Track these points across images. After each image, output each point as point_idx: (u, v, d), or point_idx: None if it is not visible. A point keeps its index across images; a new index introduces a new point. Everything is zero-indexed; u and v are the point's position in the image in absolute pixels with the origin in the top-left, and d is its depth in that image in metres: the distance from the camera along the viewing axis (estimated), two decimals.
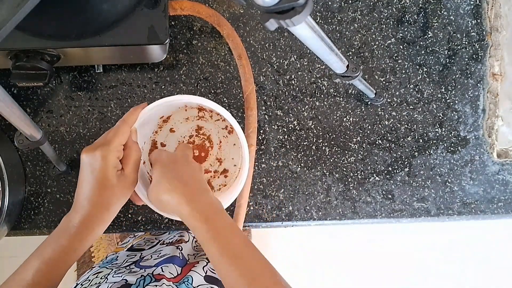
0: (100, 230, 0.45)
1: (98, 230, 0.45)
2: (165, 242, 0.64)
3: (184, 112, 0.56)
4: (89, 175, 0.44)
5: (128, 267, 0.52)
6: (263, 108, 0.58)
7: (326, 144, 0.58)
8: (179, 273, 0.51)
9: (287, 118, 0.58)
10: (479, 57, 0.59)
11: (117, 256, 0.59)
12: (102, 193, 0.44)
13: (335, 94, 0.59)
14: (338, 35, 0.59)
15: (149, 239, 0.67)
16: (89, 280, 0.50)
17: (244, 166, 0.50)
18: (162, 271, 0.49)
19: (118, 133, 0.46)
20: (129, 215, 0.57)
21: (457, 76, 0.59)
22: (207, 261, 0.57)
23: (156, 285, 0.46)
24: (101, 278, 0.49)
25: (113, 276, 0.49)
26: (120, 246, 0.70)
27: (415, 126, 0.59)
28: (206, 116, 0.56)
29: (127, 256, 0.59)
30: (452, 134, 0.59)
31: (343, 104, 0.59)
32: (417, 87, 0.59)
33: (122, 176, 0.46)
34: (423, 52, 0.59)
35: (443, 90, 0.59)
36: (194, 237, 0.67)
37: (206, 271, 0.53)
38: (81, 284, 0.49)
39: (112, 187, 0.44)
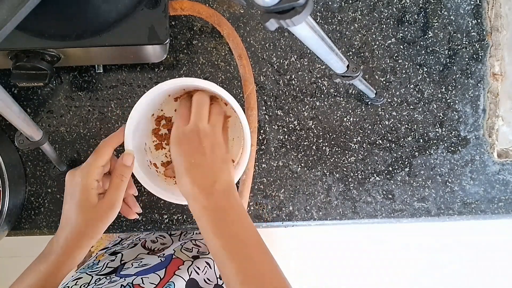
0: (80, 256, 0.47)
1: (78, 256, 0.46)
2: (146, 247, 0.64)
3: (174, 103, 0.55)
4: (70, 198, 0.47)
5: (108, 277, 0.52)
6: (263, 108, 0.58)
7: (326, 144, 0.58)
8: (162, 277, 0.51)
9: (287, 118, 0.58)
10: (480, 57, 0.59)
11: (98, 261, 0.59)
12: (82, 216, 0.46)
13: (335, 94, 0.59)
14: (338, 35, 0.59)
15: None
16: (68, 287, 0.50)
17: (246, 148, 0.49)
18: (143, 282, 0.49)
19: (96, 155, 0.47)
20: None
21: (457, 76, 0.59)
22: (192, 260, 0.56)
23: None
24: (80, 287, 0.49)
25: None
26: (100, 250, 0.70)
27: (415, 126, 0.59)
28: None
29: (108, 259, 0.59)
30: (453, 134, 0.59)
31: (343, 104, 0.59)
32: (418, 87, 0.59)
33: (101, 199, 0.47)
34: (423, 52, 0.59)
35: (444, 90, 0.59)
36: (179, 242, 0.66)
37: (191, 272, 0.53)
38: None
39: (91, 210, 0.46)
